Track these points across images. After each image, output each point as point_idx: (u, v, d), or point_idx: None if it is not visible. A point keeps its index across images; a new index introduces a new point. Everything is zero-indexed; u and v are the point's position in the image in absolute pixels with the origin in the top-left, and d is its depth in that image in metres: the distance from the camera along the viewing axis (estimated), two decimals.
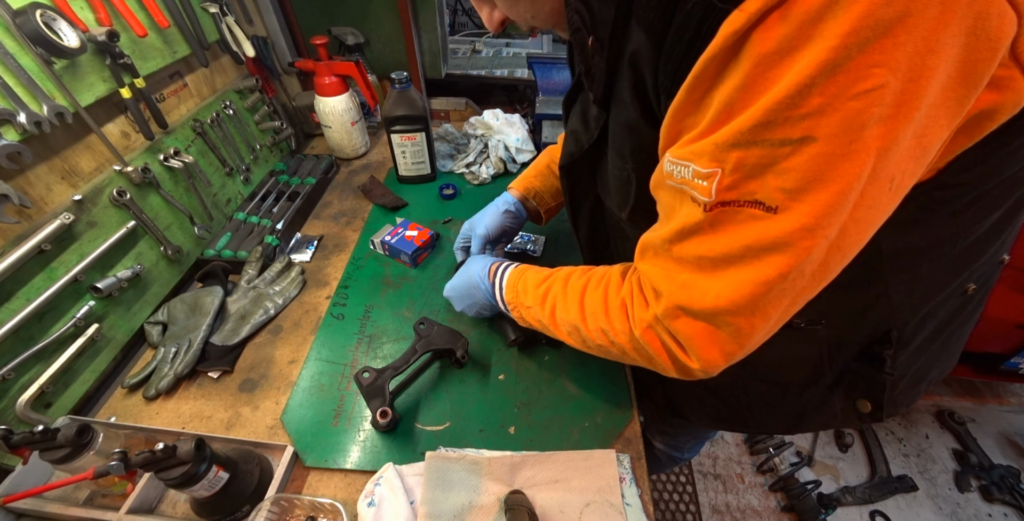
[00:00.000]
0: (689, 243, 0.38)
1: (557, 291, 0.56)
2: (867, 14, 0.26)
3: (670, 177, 0.38)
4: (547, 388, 0.71)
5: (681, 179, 0.36)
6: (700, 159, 0.34)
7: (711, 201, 0.34)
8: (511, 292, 0.62)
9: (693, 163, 0.34)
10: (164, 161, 0.83)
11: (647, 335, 0.44)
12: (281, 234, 0.96)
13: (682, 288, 0.39)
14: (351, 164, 1.25)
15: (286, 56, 1.17)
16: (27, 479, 0.59)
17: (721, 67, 0.31)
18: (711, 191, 0.34)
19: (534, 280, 0.60)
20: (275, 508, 0.57)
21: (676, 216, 0.39)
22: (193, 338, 0.76)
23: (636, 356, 0.47)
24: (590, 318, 0.50)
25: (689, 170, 0.35)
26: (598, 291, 0.51)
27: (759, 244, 0.34)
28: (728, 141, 0.32)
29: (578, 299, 0.52)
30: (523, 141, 1.19)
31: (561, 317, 0.54)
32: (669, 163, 0.37)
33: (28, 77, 0.60)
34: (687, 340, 0.40)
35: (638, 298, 0.45)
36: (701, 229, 0.36)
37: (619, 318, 0.47)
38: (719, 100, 0.32)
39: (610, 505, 0.58)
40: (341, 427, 0.67)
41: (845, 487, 1.50)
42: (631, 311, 0.46)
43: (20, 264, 0.60)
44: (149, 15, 0.78)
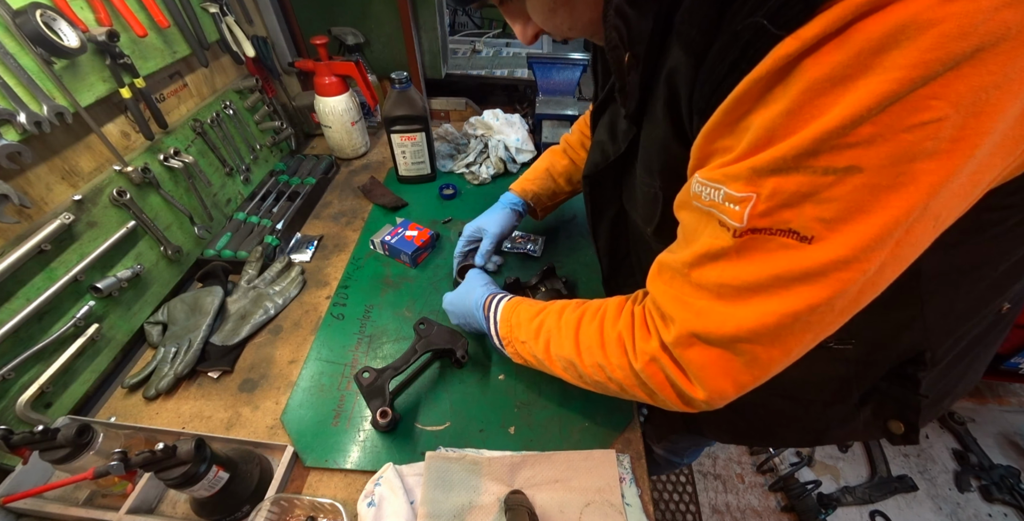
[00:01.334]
0: (711, 268, 0.36)
1: (551, 325, 0.54)
2: (936, 46, 0.24)
3: (697, 199, 0.36)
4: (547, 388, 0.71)
5: (710, 202, 0.35)
6: (734, 183, 0.32)
7: (742, 227, 0.33)
8: (505, 326, 0.61)
9: (726, 186, 0.33)
10: (164, 161, 0.83)
11: (649, 368, 0.43)
12: (281, 234, 0.96)
13: (698, 315, 0.38)
14: (351, 164, 1.25)
15: (286, 56, 1.17)
16: (27, 479, 0.59)
17: (765, 90, 0.30)
18: (743, 217, 0.32)
19: (527, 314, 0.59)
20: (275, 508, 0.57)
21: (699, 239, 0.37)
22: (193, 338, 0.76)
23: (636, 391, 0.46)
24: (585, 353, 0.49)
25: (720, 193, 0.33)
26: (593, 324, 0.50)
27: (789, 274, 0.32)
28: (767, 166, 0.30)
29: (573, 333, 0.51)
30: (523, 141, 1.19)
31: (556, 352, 0.53)
32: (698, 184, 0.36)
33: (28, 77, 0.60)
34: (698, 369, 0.39)
35: (640, 330, 0.44)
36: (726, 255, 0.35)
37: (616, 353, 0.46)
38: (760, 124, 0.31)
39: (610, 505, 0.58)
40: (341, 427, 0.67)
41: (845, 487, 1.50)
42: (630, 344, 0.45)
43: (20, 264, 0.60)
44: (149, 15, 0.78)
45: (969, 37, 0.24)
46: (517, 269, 0.92)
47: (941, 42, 0.24)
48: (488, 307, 0.64)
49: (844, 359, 0.51)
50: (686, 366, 0.40)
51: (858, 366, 0.51)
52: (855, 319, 0.36)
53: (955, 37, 0.24)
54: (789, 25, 0.28)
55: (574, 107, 1.17)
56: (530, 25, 0.49)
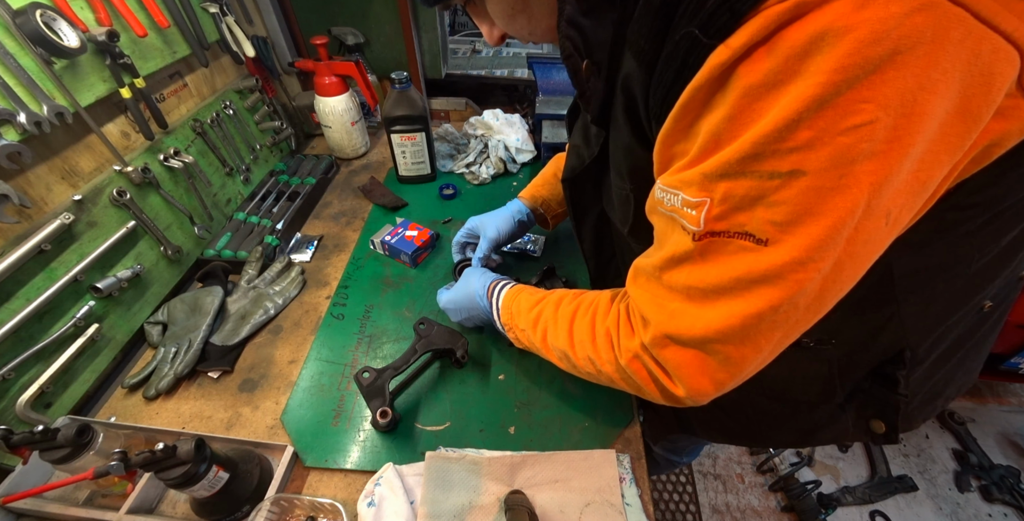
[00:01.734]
0: (679, 271, 0.38)
1: (548, 315, 0.56)
2: (854, 52, 0.26)
3: (660, 204, 0.38)
4: (547, 388, 0.71)
5: (671, 207, 0.36)
6: (689, 188, 0.34)
7: (700, 231, 0.34)
8: (506, 313, 0.63)
9: (682, 192, 0.35)
10: (164, 161, 0.83)
11: (633, 364, 0.44)
12: (281, 234, 0.96)
13: (671, 317, 0.39)
14: (351, 164, 1.25)
15: (286, 56, 1.17)
16: (27, 479, 0.59)
17: (708, 97, 0.32)
18: (700, 220, 0.34)
19: (527, 302, 0.60)
20: (275, 508, 0.57)
21: (667, 243, 0.39)
22: (193, 338, 0.76)
23: (624, 385, 0.47)
24: (578, 346, 0.51)
25: (679, 198, 0.35)
26: (586, 318, 0.51)
27: (749, 276, 0.34)
28: (716, 171, 0.32)
29: (567, 325, 0.53)
30: (523, 141, 1.19)
31: (552, 342, 0.55)
32: (660, 190, 0.37)
33: (28, 77, 0.60)
34: (675, 368, 0.40)
35: (624, 327, 0.46)
36: (691, 258, 0.36)
37: (605, 347, 0.47)
38: (706, 130, 0.32)
39: (610, 505, 0.58)
40: (341, 427, 0.67)
41: (845, 487, 1.50)
42: (616, 340, 0.46)
43: (20, 264, 0.60)
44: (149, 15, 0.78)
45: (883, 42, 0.25)
46: (517, 269, 0.92)
47: (857, 47, 0.26)
48: (491, 293, 0.66)
49: (825, 359, 0.51)
50: (665, 365, 0.41)
51: (840, 366, 0.52)
52: (832, 318, 0.37)
53: (870, 42, 0.26)
54: (719, 34, 0.29)
55: None
56: (495, 27, 0.51)
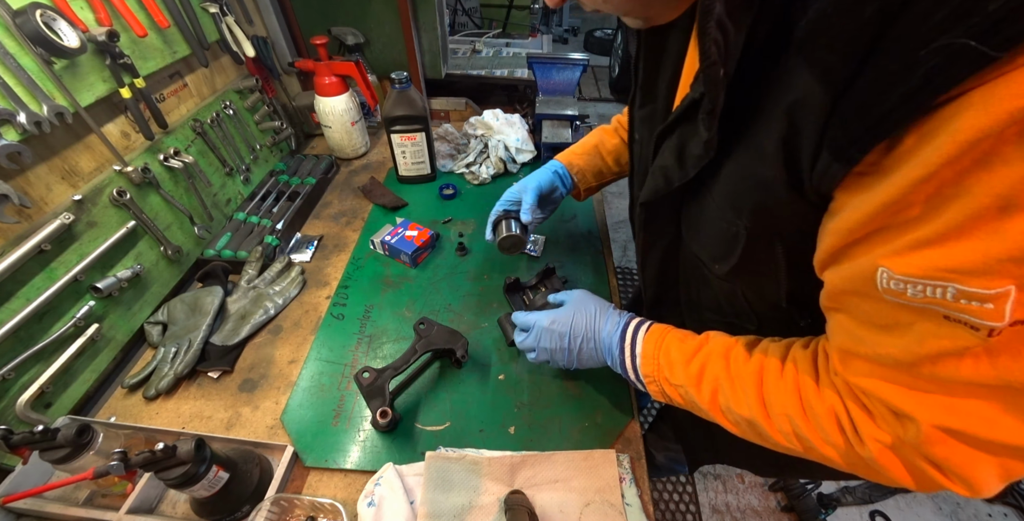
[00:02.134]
0: (950, 366, 0.29)
1: (718, 373, 0.46)
2: None
3: (896, 295, 0.29)
4: (547, 388, 0.71)
5: (925, 299, 0.28)
6: (974, 279, 0.25)
7: (1002, 325, 0.25)
8: (650, 364, 0.52)
9: (956, 283, 0.26)
10: (164, 161, 0.83)
11: (884, 456, 0.35)
12: (281, 234, 0.96)
13: (948, 411, 0.30)
14: (351, 164, 1.25)
15: (286, 56, 1.17)
16: (27, 479, 0.59)
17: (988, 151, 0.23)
18: (1004, 314, 0.25)
19: (680, 353, 0.50)
20: (275, 508, 0.57)
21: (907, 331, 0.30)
22: (193, 338, 0.76)
23: (854, 470, 0.39)
24: (778, 419, 0.41)
25: (948, 291, 0.26)
26: (785, 387, 0.41)
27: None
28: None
29: (755, 392, 0.43)
30: (523, 141, 1.19)
31: (727, 405, 0.45)
32: (897, 281, 0.29)
33: (28, 77, 0.60)
34: (957, 467, 0.32)
35: (856, 411, 0.36)
36: (970, 353, 0.28)
37: (831, 430, 0.38)
38: (992, 192, 0.24)
39: (610, 505, 0.58)
40: (341, 427, 0.67)
41: (845, 487, 1.50)
42: (848, 425, 0.37)
43: (20, 264, 0.60)
44: (149, 15, 0.78)
45: None
46: (517, 269, 0.92)
47: None
48: (624, 339, 0.55)
49: None
50: (940, 463, 0.32)
51: None
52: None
53: None
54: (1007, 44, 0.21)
55: (574, 107, 1.17)
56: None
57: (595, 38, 4.43)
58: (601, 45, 4.38)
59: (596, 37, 4.43)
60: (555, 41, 4.70)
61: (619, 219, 2.54)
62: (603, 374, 0.73)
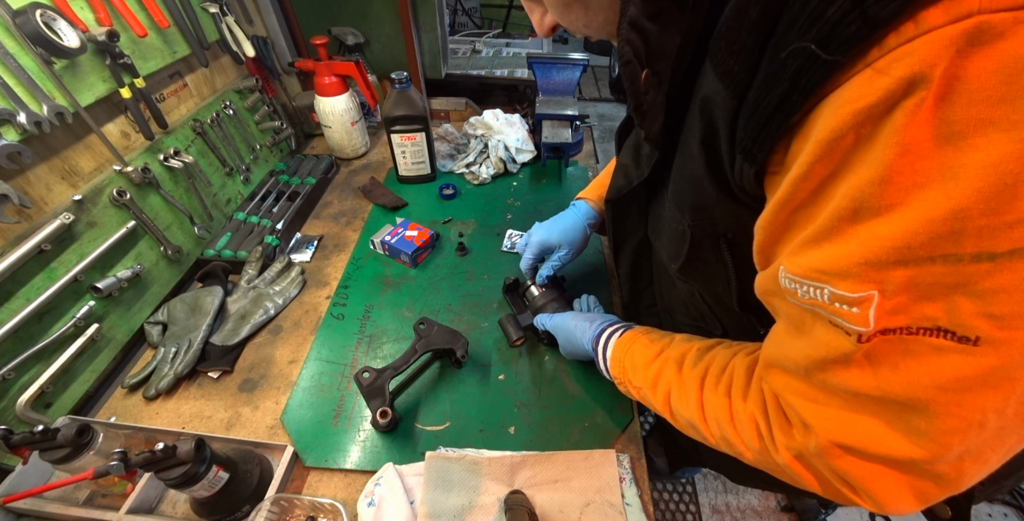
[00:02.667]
0: (838, 375, 0.30)
1: (670, 378, 0.49)
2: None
3: (791, 295, 0.30)
4: (547, 388, 0.71)
5: (810, 300, 0.28)
6: (841, 281, 0.26)
7: (869, 331, 0.26)
8: (616, 366, 0.56)
9: (829, 285, 0.27)
10: (164, 161, 0.83)
11: (795, 465, 0.36)
12: (281, 234, 0.96)
13: (841, 425, 0.31)
14: (351, 164, 1.25)
15: (286, 56, 1.17)
16: (27, 479, 0.59)
17: (848, 149, 0.24)
18: (868, 319, 0.26)
19: (642, 358, 0.53)
20: (275, 508, 0.57)
21: (809, 336, 0.31)
22: (193, 338, 0.76)
23: (776, 475, 0.40)
24: (711, 423, 0.43)
25: (824, 293, 0.27)
26: (718, 392, 0.43)
27: (958, 384, 0.25)
28: (885, 258, 0.24)
29: (696, 396, 0.45)
30: (523, 141, 1.19)
31: (677, 409, 0.47)
32: (788, 280, 0.30)
33: (28, 77, 0.60)
34: (861, 482, 0.31)
35: (776, 418, 0.37)
36: (854, 361, 0.28)
37: (750, 435, 0.39)
38: (846, 194, 0.25)
39: (610, 505, 0.58)
40: (341, 427, 0.67)
41: None
42: (767, 432, 0.38)
43: (20, 264, 0.60)
44: (149, 15, 0.78)
45: None
46: (519, 270, 0.92)
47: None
48: (597, 343, 0.60)
49: None
50: (844, 476, 0.32)
51: None
52: None
53: None
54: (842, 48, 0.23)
55: (574, 107, 1.17)
56: (547, 16, 0.46)
57: None
58: (601, 45, 4.38)
59: None
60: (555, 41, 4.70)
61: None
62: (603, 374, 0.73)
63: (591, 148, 1.33)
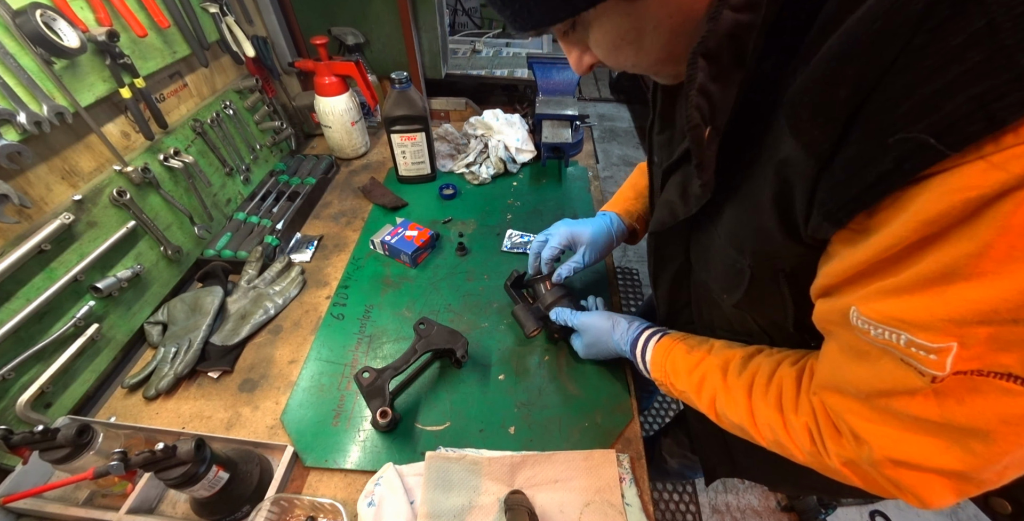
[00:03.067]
0: (902, 402, 0.32)
1: (716, 384, 0.51)
2: None
3: (864, 334, 0.32)
4: (547, 388, 0.71)
5: (885, 341, 0.31)
6: (922, 332, 0.29)
7: (943, 374, 0.29)
8: (657, 369, 0.58)
9: (908, 333, 0.29)
10: (164, 161, 0.83)
11: (845, 469, 0.39)
12: (281, 234, 0.96)
13: (897, 444, 0.33)
14: (351, 164, 1.25)
15: (286, 56, 1.17)
16: (27, 479, 0.59)
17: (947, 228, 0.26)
18: (945, 365, 0.28)
19: (684, 364, 0.55)
20: (275, 508, 0.57)
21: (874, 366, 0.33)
22: (193, 338, 0.76)
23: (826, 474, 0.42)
24: (764, 428, 0.46)
25: (902, 338, 0.30)
26: (769, 403, 0.45)
27: (1016, 419, 0.28)
28: (971, 318, 0.27)
29: (745, 404, 0.47)
30: (523, 141, 1.19)
31: (723, 412, 0.50)
32: (863, 322, 0.32)
33: (28, 77, 0.60)
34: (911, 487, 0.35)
35: (827, 429, 0.40)
36: (922, 393, 0.31)
37: (803, 441, 0.42)
38: (937, 260, 0.27)
39: (610, 505, 0.58)
40: (341, 427, 0.67)
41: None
42: (819, 440, 0.40)
43: (20, 264, 0.60)
44: (149, 15, 0.78)
45: None
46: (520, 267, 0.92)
47: None
48: (635, 346, 0.62)
49: None
50: (897, 483, 0.35)
51: None
52: None
53: None
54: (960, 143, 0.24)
55: (574, 107, 1.17)
56: (587, 55, 0.46)
57: None
58: None
59: None
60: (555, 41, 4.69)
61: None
62: (603, 374, 0.73)
63: (591, 148, 1.33)
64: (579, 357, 0.73)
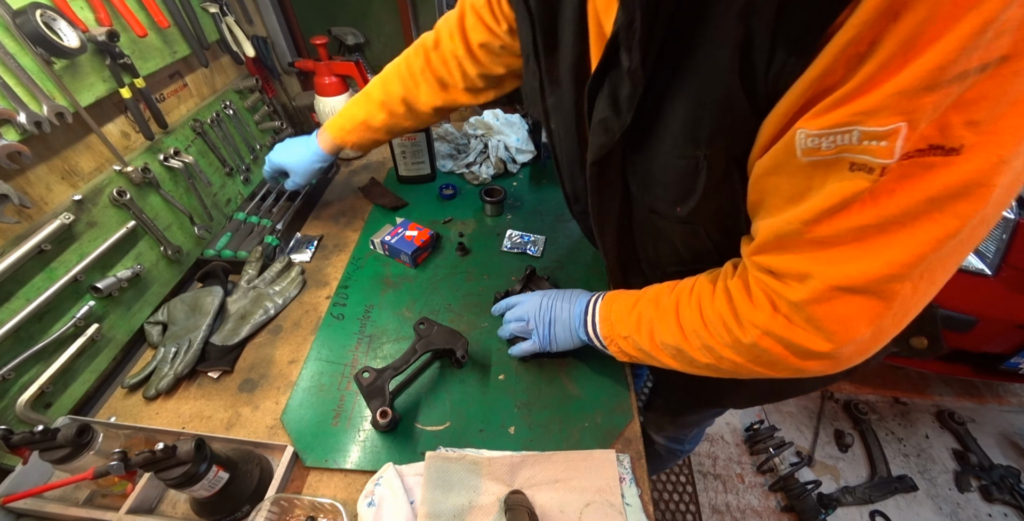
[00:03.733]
0: (843, 217, 0.33)
1: (651, 314, 0.53)
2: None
3: (813, 152, 0.32)
4: (547, 388, 0.71)
5: (836, 148, 0.31)
6: (875, 117, 0.28)
7: (892, 161, 0.29)
8: (605, 325, 0.59)
9: (861, 125, 0.29)
10: (164, 161, 0.83)
11: (764, 341, 0.41)
12: (281, 234, 0.96)
13: (837, 265, 0.35)
14: (351, 164, 1.25)
15: (286, 56, 1.18)
16: (27, 479, 0.59)
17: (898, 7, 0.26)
18: (894, 150, 0.28)
19: (624, 307, 0.57)
20: (275, 508, 0.57)
21: (814, 196, 0.34)
22: (193, 338, 0.76)
23: (752, 367, 0.45)
24: (691, 336, 0.48)
25: (854, 135, 0.29)
26: (692, 306, 0.48)
27: (942, 193, 0.29)
28: (919, 84, 0.26)
29: (674, 319, 0.49)
30: (523, 141, 1.19)
31: (661, 340, 0.51)
32: (810, 138, 0.32)
33: (28, 77, 0.60)
34: (834, 322, 0.36)
35: (742, 304, 0.42)
36: (859, 199, 0.32)
37: (720, 332, 0.44)
38: (895, 40, 0.26)
39: (610, 505, 0.58)
40: (341, 427, 0.67)
41: (845, 487, 1.50)
42: (733, 321, 0.43)
43: (20, 264, 0.60)
44: (149, 15, 0.78)
45: None
46: (518, 270, 0.92)
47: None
48: (586, 313, 0.62)
49: None
50: (819, 322, 0.37)
51: None
52: None
53: None
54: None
55: None
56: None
57: None
58: None
59: None
60: None
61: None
62: (603, 374, 0.73)
63: None
64: (579, 357, 0.73)
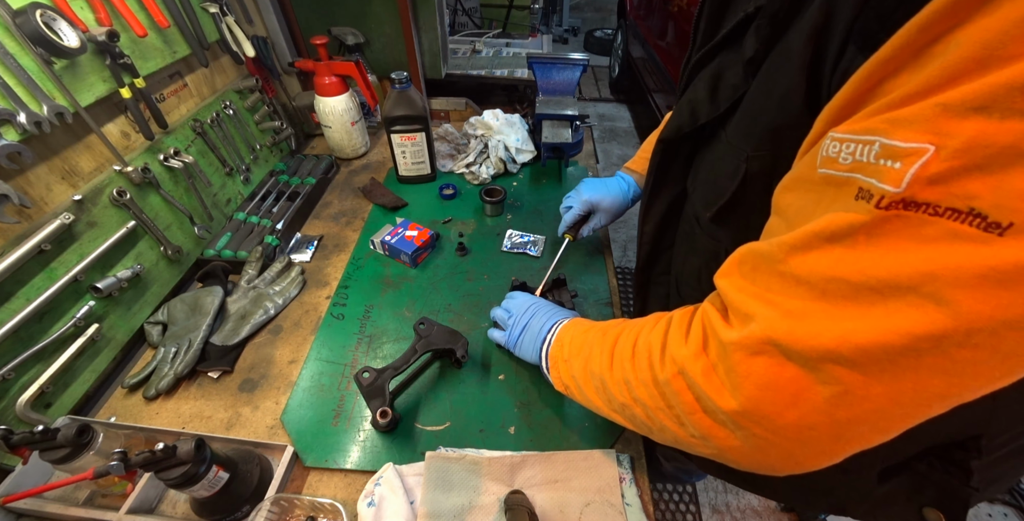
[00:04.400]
0: (823, 254, 0.26)
1: (596, 338, 0.48)
2: None
3: (830, 164, 0.27)
4: (547, 388, 0.71)
5: (851, 164, 0.25)
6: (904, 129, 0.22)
7: (897, 192, 0.23)
8: (556, 346, 0.56)
9: (885, 136, 0.23)
10: (164, 161, 0.83)
11: (676, 382, 0.35)
12: (281, 234, 0.96)
13: (787, 316, 0.28)
14: (351, 164, 1.25)
15: (286, 56, 1.17)
16: (27, 479, 0.59)
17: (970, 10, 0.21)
18: (903, 178, 0.22)
19: (581, 329, 0.53)
20: (275, 508, 0.57)
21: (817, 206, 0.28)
22: (193, 338, 0.76)
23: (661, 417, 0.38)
24: (616, 366, 0.42)
25: (874, 148, 0.24)
26: (632, 332, 0.43)
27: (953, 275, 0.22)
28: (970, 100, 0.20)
29: (612, 344, 0.45)
30: (523, 141, 1.19)
31: (592, 368, 0.47)
32: (835, 143, 0.26)
33: (28, 77, 0.60)
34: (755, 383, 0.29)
35: (675, 334, 0.37)
36: (852, 236, 0.25)
37: (643, 365, 0.39)
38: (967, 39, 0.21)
39: (610, 505, 0.58)
40: (341, 427, 0.67)
41: None
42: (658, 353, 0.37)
43: (20, 264, 0.60)
44: (149, 15, 0.78)
45: None
46: (518, 270, 0.92)
47: None
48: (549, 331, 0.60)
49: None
50: (738, 375, 0.30)
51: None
52: None
53: None
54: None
55: (574, 107, 1.17)
56: None
57: (595, 38, 4.43)
58: (601, 45, 4.38)
59: (596, 37, 4.43)
60: (555, 41, 4.70)
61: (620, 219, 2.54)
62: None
63: (591, 148, 1.33)
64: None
